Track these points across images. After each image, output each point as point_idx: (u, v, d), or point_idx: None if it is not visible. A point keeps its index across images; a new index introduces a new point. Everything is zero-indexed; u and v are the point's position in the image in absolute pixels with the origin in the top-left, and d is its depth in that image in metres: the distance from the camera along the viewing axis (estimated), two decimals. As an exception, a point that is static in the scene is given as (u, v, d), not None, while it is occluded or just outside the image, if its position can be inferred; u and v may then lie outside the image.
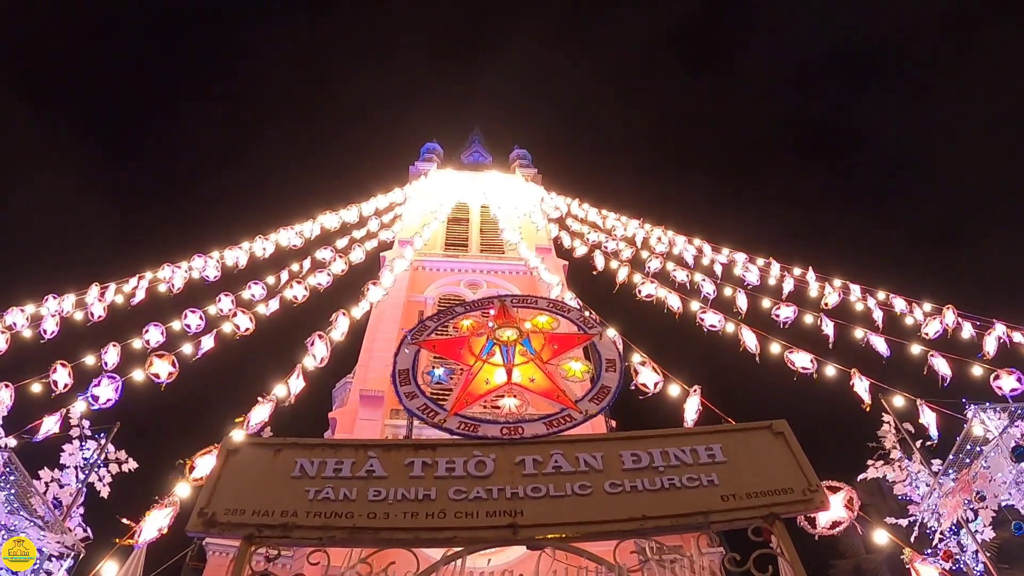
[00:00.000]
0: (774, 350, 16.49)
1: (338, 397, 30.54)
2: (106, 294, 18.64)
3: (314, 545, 6.48)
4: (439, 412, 7.61)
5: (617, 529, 6.47)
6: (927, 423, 12.21)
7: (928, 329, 17.45)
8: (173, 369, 14.28)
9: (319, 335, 15.78)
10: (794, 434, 7.34)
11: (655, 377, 13.84)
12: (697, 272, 23.49)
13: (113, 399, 12.34)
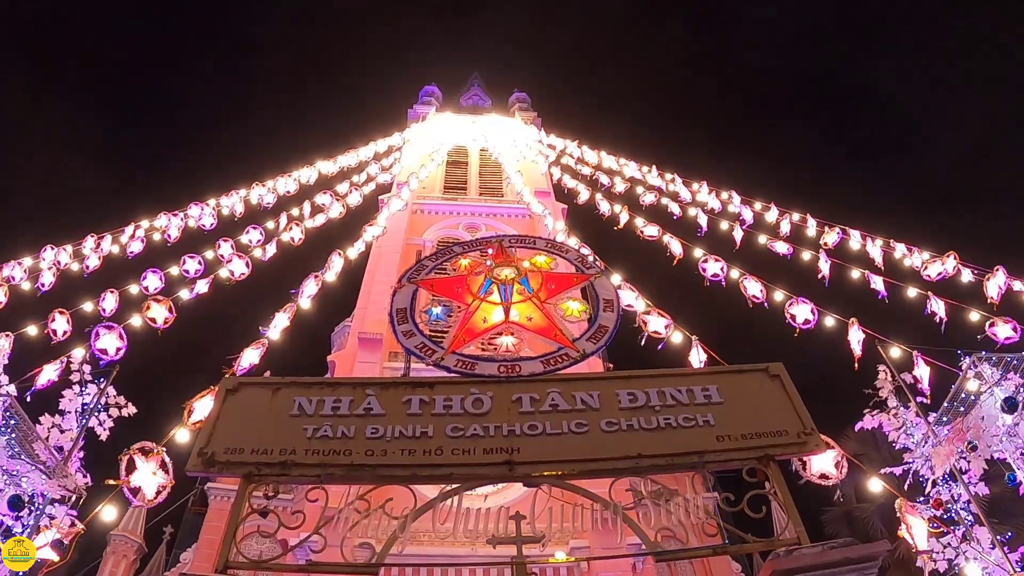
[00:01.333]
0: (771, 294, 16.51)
1: (337, 341, 30.61)
2: (102, 244, 18.57)
3: (312, 482, 6.53)
4: (436, 350, 7.62)
5: (613, 467, 6.53)
6: (921, 376, 12.25)
7: (929, 271, 17.42)
8: (170, 315, 14.31)
9: (314, 276, 15.80)
10: (791, 380, 7.38)
11: (663, 321, 13.88)
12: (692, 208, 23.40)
13: (121, 346, 12.38)
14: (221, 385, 7.34)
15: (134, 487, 9.15)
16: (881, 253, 18.69)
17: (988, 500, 10.21)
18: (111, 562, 24.49)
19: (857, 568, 5.81)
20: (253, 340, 12.46)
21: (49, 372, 10.68)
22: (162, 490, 9.33)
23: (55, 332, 13.92)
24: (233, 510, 6.35)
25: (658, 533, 6.29)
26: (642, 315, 14.18)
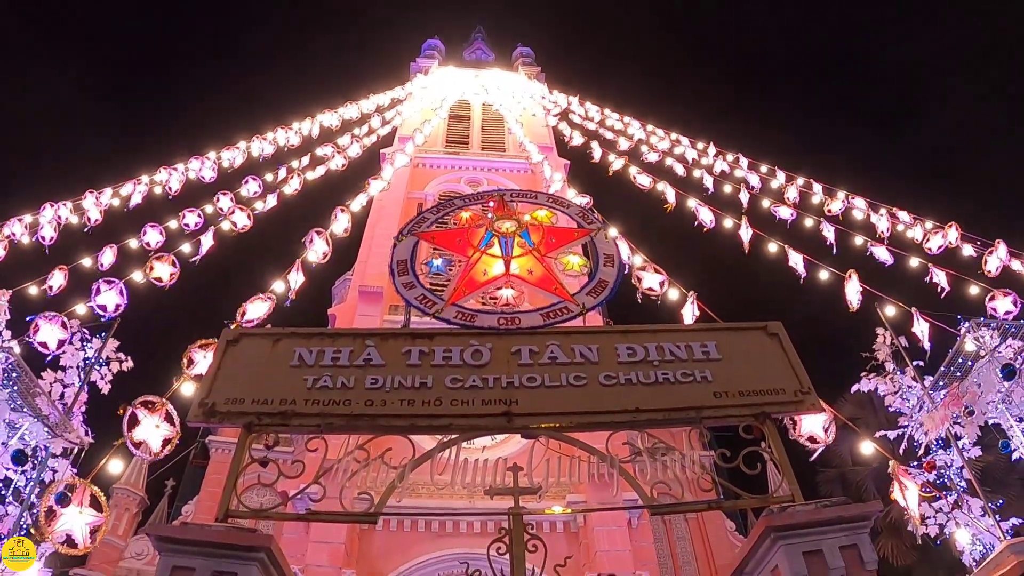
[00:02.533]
0: (771, 249, 16.54)
1: (337, 294, 30.62)
2: (102, 198, 18.48)
3: (312, 432, 6.59)
4: (437, 302, 7.62)
5: (611, 420, 6.58)
6: (920, 333, 12.27)
7: (931, 244, 17.40)
8: (174, 269, 14.30)
9: (317, 231, 15.72)
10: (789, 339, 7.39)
11: (658, 278, 13.89)
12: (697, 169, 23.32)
13: (121, 303, 12.39)
14: (222, 336, 7.37)
15: (138, 441, 9.20)
16: (886, 221, 18.65)
17: (981, 469, 10.25)
18: (114, 515, 24.67)
19: (850, 527, 5.87)
20: (255, 293, 12.44)
21: (49, 329, 10.66)
22: (168, 442, 9.39)
23: (51, 287, 13.93)
24: (234, 460, 6.41)
25: (654, 487, 6.35)
26: (637, 271, 14.19)
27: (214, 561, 5.62)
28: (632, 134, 27.22)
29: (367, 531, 17.98)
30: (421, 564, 16.62)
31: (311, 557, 16.67)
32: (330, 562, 16.69)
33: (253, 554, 5.67)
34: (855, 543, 5.82)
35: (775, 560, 5.88)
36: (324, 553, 16.83)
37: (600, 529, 17.30)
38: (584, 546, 17.34)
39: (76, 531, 8.80)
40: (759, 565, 6.12)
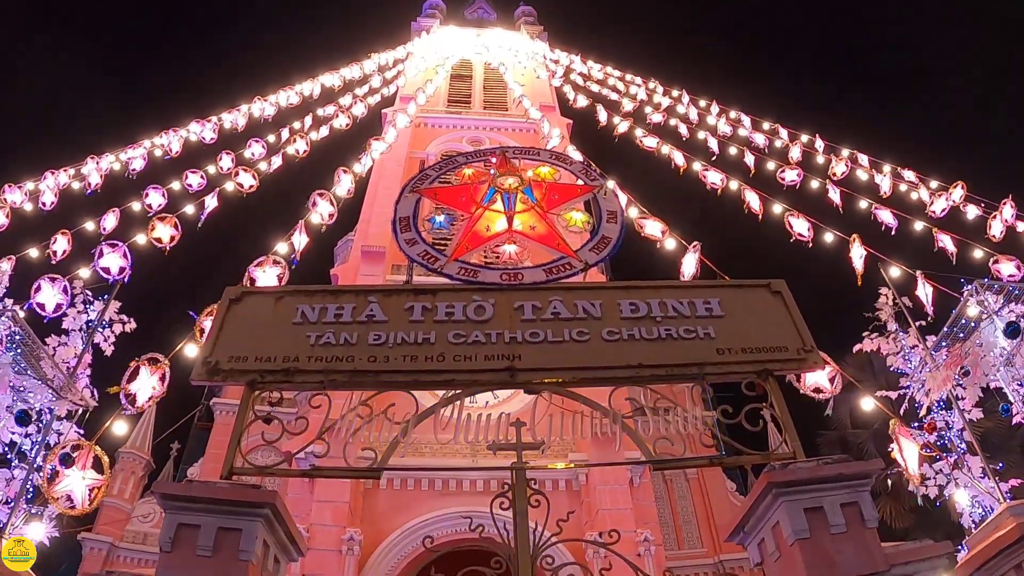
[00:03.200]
0: (775, 211, 16.47)
1: (340, 255, 30.65)
2: (103, 163, 18.38)
3: (315, 389, 6.60)
4: (439, 258, 7.61)
5: (613, 376, 6.61)
6: (923, 296, 12.24)
7: (935, 207, 17.32)
8: (176, 232, 14.26)
9: (319, 193, 15.65)
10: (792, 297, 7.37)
11: (659, 226, 13.87)
12: (702, 130, 23.19)
13: (125, 265, 12.37)
14: (224, 295, 7.34)
15: (130, 393, 9.22)
16: (889, 180, 18.55)
17: (981, 435, 10.25)
18: (120, 479, 24.90)
19: (851, 484, 5.88)
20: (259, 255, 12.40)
21: (51, 293, 10.65)
22: (151, 400, 9.42)
23: (55, 253, 13.90)
24: (238, 418, 6.42)
25: (656, 444, 6.37)
26: (638, 219, 14.15)
27: (219, 518, 5.65)
28: (635, 93, 27.03)
29: (371, 490, 18.11)
30: (424, 522, 16.76)
31: (315, 516, 16.80)
32: (334, 521, 16.82)
33: (258, 510, 5.71)
34: (856, 501, 5.84)
35: (776, 516, 5.90)
36: (328, 512, 16.96)
37: (602, 488, 17.40)
38: (586, 504, 17.45)
39: (76, 492, 8.85)
40: (760, 521, 6.15)
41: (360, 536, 16.72)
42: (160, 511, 5.82)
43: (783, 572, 5.87)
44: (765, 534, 6.12)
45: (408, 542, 16.91)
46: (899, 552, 5.86)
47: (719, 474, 26.02)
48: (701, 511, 24.92)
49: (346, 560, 16.31)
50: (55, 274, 10.93)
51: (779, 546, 5.91)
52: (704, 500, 25.12)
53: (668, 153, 20.96)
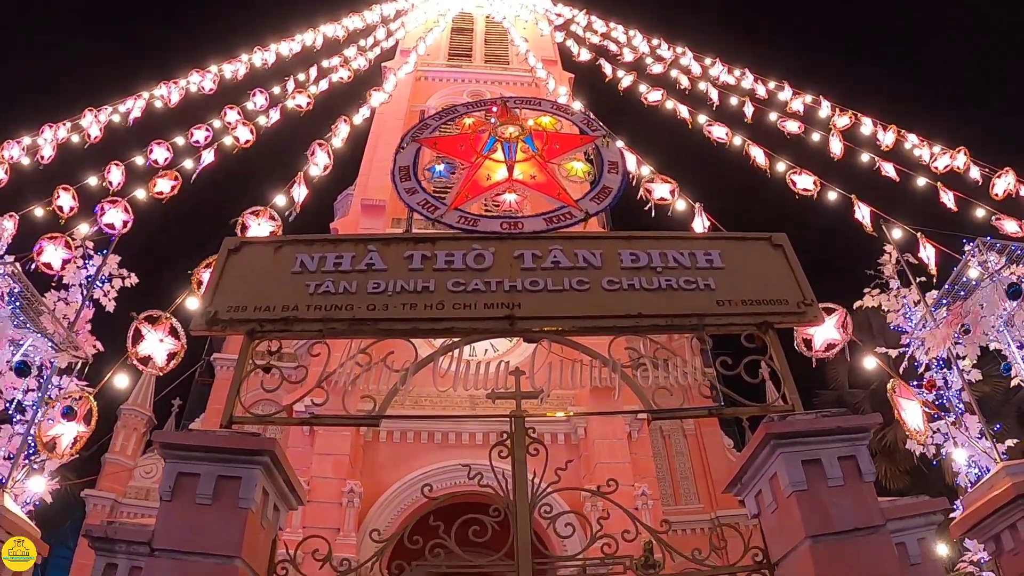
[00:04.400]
0: (779, 168, 16.40)
1: (340, 209, 30.60)
2: (101, 116, 18.23)
3: (315, 337, 6.59)
4: (439, 207, 7.54)
5: (613, 325, 6.60)
6: (925, 255, 12.22)
7: (938, 164, 17.26)
8: (175, 182, 14.24)
9: (319, 143, 15.58)
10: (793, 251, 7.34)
11: (668, 187, 13.82)
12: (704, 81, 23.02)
13: (128, 219, 12.34)
14: (223, 245, 7.29)
15: (143, 356, 9.22)
16: (893, 137, 18.44)
17: (979, 399, 10.24)
18: (122, 435, 25.05)
19: (849, 438, 5.87)
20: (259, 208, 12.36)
21: (53, 250, 10.62)
22: (173, 356, 9.42)
23: (60, 209, 13.83)
24: (237, 367, 6.43)
25: (655, 394, 6.37)
26: (646, 182, 14.11)
27: (219, 466, 5.65)
28: (637, 47, 26.80)
29: (371, 443, 18.25)
30: (424, 474, 16.92)
31: (316, 469, 16.94)
32: (335, 473, 16.96)
33: (257, 458, 5.71)
34: (854, 454, 5.83)
35: (774, 468, 5.90)
36: (329, 465, 17.10)
37: (601, 442, 17.52)
38: (584, 458, 17.58)
39: (63, 439, 8.91)
40: (758, 473, 6.15)
41: (360, 488, 16.87)
42: (162, 467, 5.84)
43: (780, 524, 5.89)
44: (762, 486, 6.13)
45: (408, 494, 17.08)
46: (895, 507, 5.88)
47: (717, 431, 26.18)
48: (698, 467, 25.09)
49: (346, 512, 16.48)
50: (55, 232, 10.90)
51: (776, 498, 5.92)
52: (701, 456, 25.29)
53: (673, 107, 20.82)
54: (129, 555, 5.57)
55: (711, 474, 24.54)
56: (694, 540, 21.02)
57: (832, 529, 5.50)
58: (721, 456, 25.07)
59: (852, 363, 11.56)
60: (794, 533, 5.62)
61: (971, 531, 8.58)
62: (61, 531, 29.57)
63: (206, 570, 5.33)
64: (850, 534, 5.51)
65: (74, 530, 26.10)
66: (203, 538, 5.43)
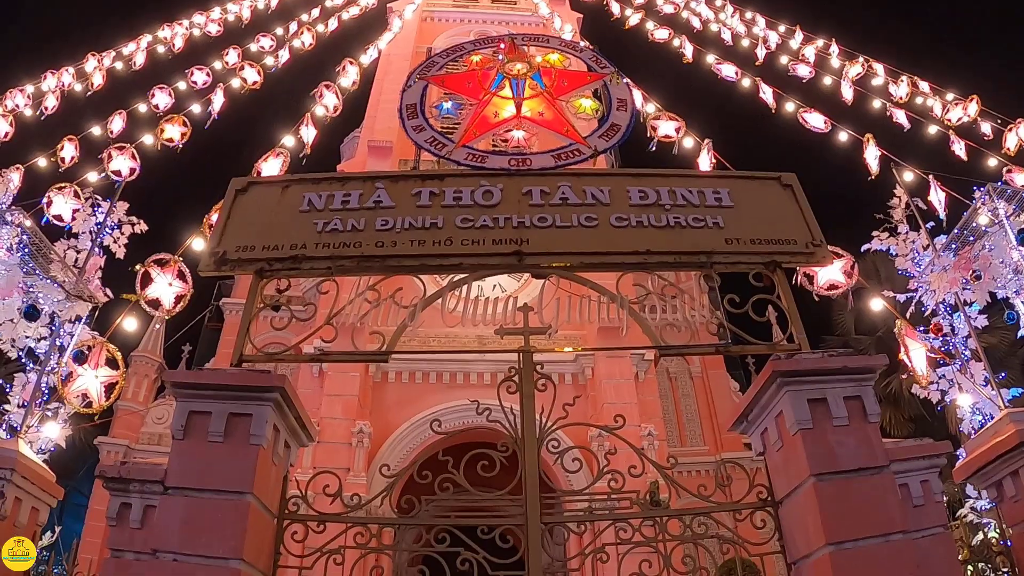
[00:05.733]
0: (788, 108, 16.23)
1: (346, 152, 30.43)
2: (104, 62, 18.01)
3: (323, 275, 6.60)
4: (447, 144, 7.48)
5: (621, 261, 6.60)
6: (935, 200, 12.12)
7: (950, 115, 17.05)
8: (185, 129, 14.14)
9: (326, 85, 15.44)
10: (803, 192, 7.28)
11: (674, 124, 13.70)
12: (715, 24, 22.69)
13: (135, 166, 12.29)
14: (230, 186, 7.27)
15: (152, 299, 9.25)
16: (906, 88, 18.19)
17: (984, 349, 10.19)
18: (133, 382, 25.20)
19: (855, 378, 5.88)
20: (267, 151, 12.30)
21: (61, 202, 10.59)
22: (180, 299, 9.45)
23: (64, 160, 13.75)
24: (246, 306, 6.44)
25: (662, 330, 6.38)
26: (651, 119, 13.98)
27: (229, 404, 5.70)
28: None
29: (380, 383, 18.40)
30: (433, 413, 17.01)
31: (326, 410, 17.09)
32: (344, 414, 17.12)
33: (267, 394, 5.75)
34: (859, 394, 5.85)
35: (780, 406, 5.93)
36: (338, 406, 17.25)
37: (607, 382, 17.61)
38: (591, 398, 17.70)
39: (92, 389, 8.96)
40: (764, 411, 6.18)
41: (369, 429, 17.04)
42: (173, 412, 5.88)
43: (785, 462, 5.92)
44: (768, 423, 6.16)
45: (417, 433, 17.24)
46: (899, 448, 5.91)
47: (723, 374, 26.29)
48: (704, 410, 25.25)
49: (356, 452, 16.67)
50: (63, 183, 10.86)
51: (781, 436, 5.95)
52: (707, 399, 25.43)
53: (679, 44, 20.55)
54: (143, 494, 5.64)
55: (717, 416, 24.70)
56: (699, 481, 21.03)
57: (836, 468, 5.54)
58: (727, 399, 25.19)
59: (858, 309, 11.52)
60: (799, 471, 5.66)
61: (973, 477, 8.58)
62: (76, 479, 30.03)
63: (219, 506, 5.39)
64: (854, 473, 5.55)
65: (88, 478, 26.47)
66: (215, 475, 5.49)
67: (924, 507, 5.76)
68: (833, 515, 5.36)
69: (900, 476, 5.75)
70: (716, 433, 24.45)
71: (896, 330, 10.22)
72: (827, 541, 5.29)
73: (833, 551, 5.27)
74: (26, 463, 7.65)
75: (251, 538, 5.36)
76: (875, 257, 16.02)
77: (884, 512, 5.44)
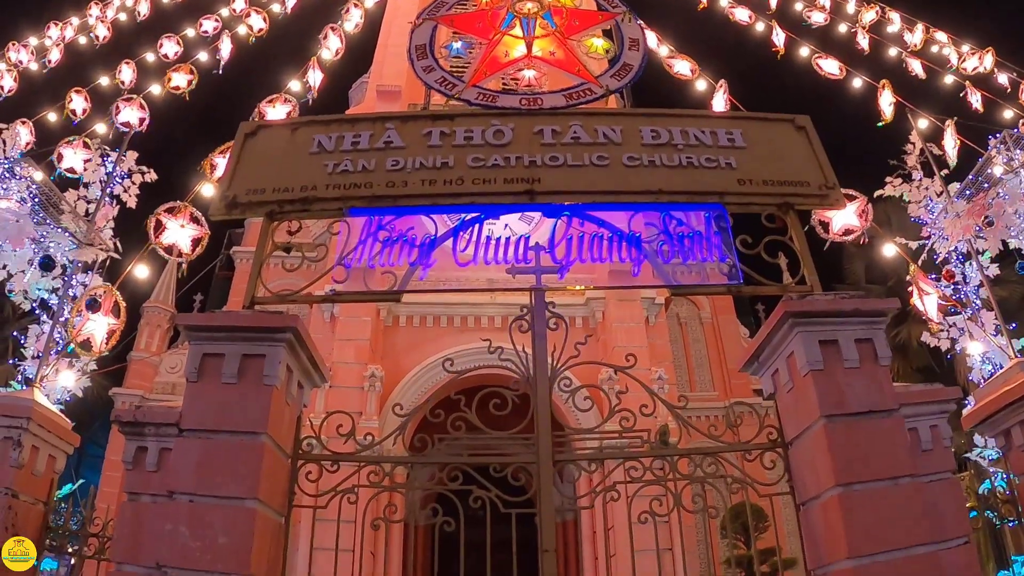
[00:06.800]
0: (803, 53, 16.02)
1: (355, 98, 30.28)
2: (108, 11, 17.78)
3: (334, 216, 6.59)
4: (457, 84, 7.42)
5: (633, 200, 6.53)
6: (950, 148, 12.00)
7: (966, 64, 16.81)
8: (191, 76, 14.05)
9: (331, 27, 15.32)
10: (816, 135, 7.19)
11: (688, 64, 13.57)
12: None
13: (144, 116, 12.22)
14: (239, 129, 7.23)
15: (167, 245, 9.25)
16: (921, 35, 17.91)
17: (997, 301, 10.14)
18: (146, 333, 25.41)
19: (867, 321, 5.86)
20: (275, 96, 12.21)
21: (71, 155, 10.54)
22: (197, 241, 9.43)
23: (75, 112, 13.66)
24: (257, 248, 6.43)
25: (675, 270, 6.37)
26: (666, 59, 13.85)
27: (242, 345, 5.73)
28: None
29: (391, 328, 18.50)
30: (444, 357, 17.06)
31: (338, 355, 17.21)
32: (356, 359, 17.24)
33: (280, 335, 5.77)
34: (871, 337, 5.84)
35: (791, 347, 5.92)
36: (350, 350, 17.37)
37: (618, 325, 17.65)
38: (602, 342, 17.75)
39: (96, 334, 8.97)
40: (775, 351, 6.18)
41: (381, 372, 17.17)
42: (186, 360, 5.91)
43: (795, 403, 5.94)
44: (779, 364, 6.17)
45: (429, 377, 17.39)
46: (909, 392, 5.91)
47: (733, 319, 26.35)
48: (714, 356, 25.36)
49: (368, 396, 16.84)
50: (70, 136, 10.81)
51: (792, 377, 5.96)
52: (717, 344, 25.53)
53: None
54: (158, 437, 5.71)
55: (727, 363, 24.82)
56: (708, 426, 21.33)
57: (847, 410, 5.56)
58: (737, 344, 25.28)
59: (869, 259, 11.48)
60: (809, 412, 5.69)
61: (981, 424, 8.57)
62: (91, 430, 30.40)
63: (234, 447, 5.46)
64: (864, 416, 5.58)
65: (104, 430, 26.72)
66: (230, 416, 5.55)
67: (933, 452, 5.79)
68: (842, 456, 5.40)
69: (910, 420, 5.77)
70: (726, 379, 24.57)
71: (910, 274, 10.20)
72: (836, 482, 5.33)
73: (842, 492, 5.32)
74: (42, 411, 7.70)
75: (266, 478, 5.43)
76: (887, 206, 15.92)
77: (893, 455, 5.47)
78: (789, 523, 6.52)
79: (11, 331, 8.85)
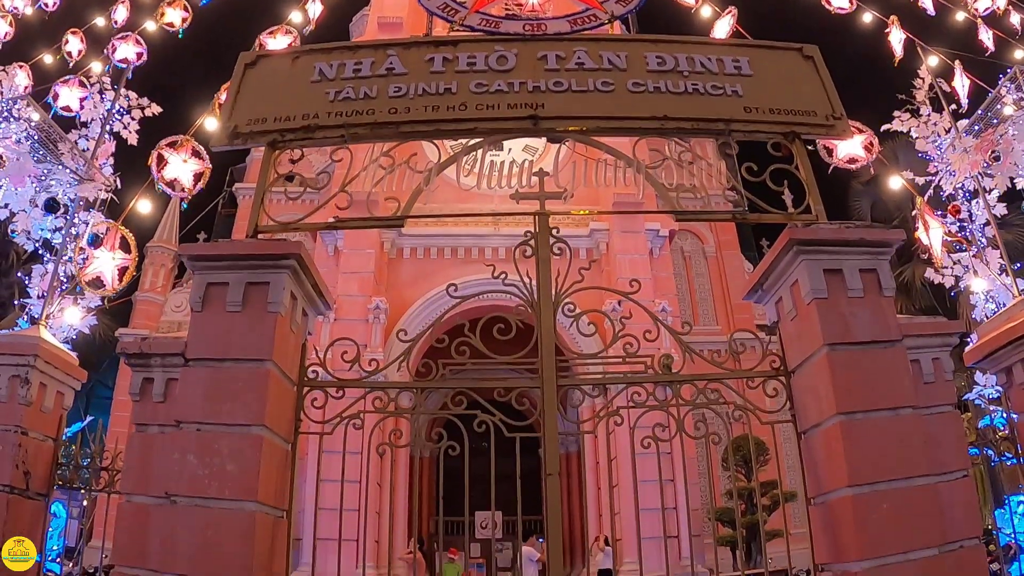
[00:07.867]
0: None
1: (355, 31, 29.95)
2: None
3: (337, 143, 6.54)
4: (460, 9, 7.34)
5: (638, 126, 6.50)
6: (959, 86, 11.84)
7: (978, 4, 16.50)
8: (186, 14, 13.82)
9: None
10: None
11: None
12: None
13: (141, 50, 12.08)
14: (239, 60, 7.13)
15: (170, 180, 9.21)
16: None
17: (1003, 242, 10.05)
18: (150, 273, 25.46)
19: (872, 251, 5.83)
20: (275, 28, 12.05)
21: (69, 95, 10.41)
22: (199, 176, 9.39)
23: (71, 54, 13.47)
24: (260, 177, 6.39)
25: (678, 196, 6.35)
26: None
27: (246, 273, 5.73)
28: None
29: (395, 260, 18.54)
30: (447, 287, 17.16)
31: (342, 288, 17.26)
32: (360, 291, 17.32)
33: (284, 262, 5.77)
34: (875, 268, 5.83)
35: (795, 275, 5.92)
36: (355, 283, 17.44)
37: (622, 257, 17.63)
38: (606, 273, 17.77)
39: (106, 272, 8.98)
40: (780, 279, 6.17)
41: (386, 304, 17.27)
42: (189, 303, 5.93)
43: (798, 331, 5.95)
44: (783, 292, 6.17)
45: (434, 308, 17.47)
46: (912, 324, 5.93)
47: (737, 254, 26.34)
48: (717, 290, 25.41)
49: (373, 328, 16.96)
50: (68, 75, 10.69)
51: (796, 305, 5.96)
52: (721, 279, 25.57)
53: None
54: (164, 367, 5.77)
55: (730, 297, 24.88)
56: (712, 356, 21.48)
57: (850, 339, 5.57)
58: (740, 279, 25.29)
59: (874, 195, 11.42)
60: (812, 341, 5.70)
61: (983, 361, 8.51)
62: (99, 372, 30.67)
63: (239, 374, 5.48)
64: (867, 345, 5.59)
65: (112, 370, 26.92)
66: (235, 344, 5.57)
67: (934, 384, 5.84)
68: (845, 385, 5.43)
69: (912, 352, 5.80)
70: (729, 313, 24.65)
71: (916, 208, 10.13)
72: (838, 410, 5.37)
73: (843, 420, 5.35)
74: (48, 348, 7.70)
75: (272, 405, 5.47)
76: (894, 143, 15.76)
77: (895, 386, 5.50)
78: (790, 457, 6.59)
79: (16, 274, 8.89)
